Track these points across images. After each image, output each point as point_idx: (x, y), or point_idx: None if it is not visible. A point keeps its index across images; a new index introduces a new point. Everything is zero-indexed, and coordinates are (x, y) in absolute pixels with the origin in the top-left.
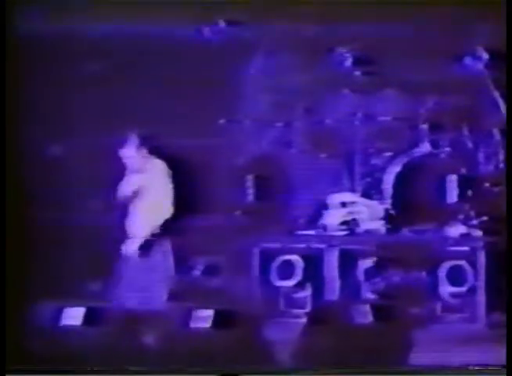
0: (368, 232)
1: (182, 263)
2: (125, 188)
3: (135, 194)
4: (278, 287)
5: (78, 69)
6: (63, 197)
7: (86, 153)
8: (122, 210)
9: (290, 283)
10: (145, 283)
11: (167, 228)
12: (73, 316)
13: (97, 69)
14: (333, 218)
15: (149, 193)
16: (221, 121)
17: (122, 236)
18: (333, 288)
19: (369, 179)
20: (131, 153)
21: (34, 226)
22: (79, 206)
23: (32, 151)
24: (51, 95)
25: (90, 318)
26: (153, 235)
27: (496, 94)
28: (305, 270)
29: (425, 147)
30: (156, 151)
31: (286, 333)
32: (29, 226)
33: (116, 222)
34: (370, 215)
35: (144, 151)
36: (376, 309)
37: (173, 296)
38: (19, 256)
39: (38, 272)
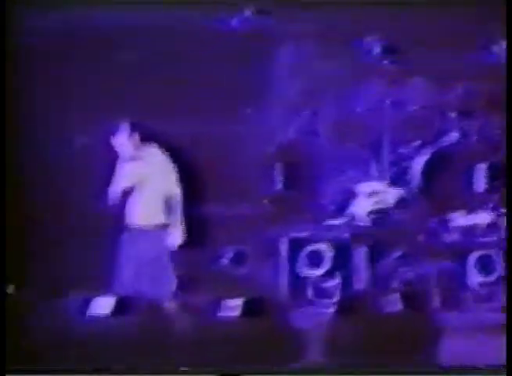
0: (396, 221)
1: (210, 252)
2: (126, 178)
3: (138, 184)
4: (306, 277)
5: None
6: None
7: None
8: (126, 200)
9: (319, 272)
10: (162, 274)
11: (189, 217)
12: (102, 306)
13: (123, 59)
14: (361, 207)
15: (153, 183)
16: (249, 110)
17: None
18: (362, 277)
19: (397, 168)
20: (124, 141)
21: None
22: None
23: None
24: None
25: (118, 308)
26: (168, 224)
27: None
28: (334, 259)
29: (453, 136)
30: (172, 139)
31: (314, 322)
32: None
33: (119, 211)
34: (398, 203)
35: (137, 138)
36: (405, 298)
37: (198, 286)
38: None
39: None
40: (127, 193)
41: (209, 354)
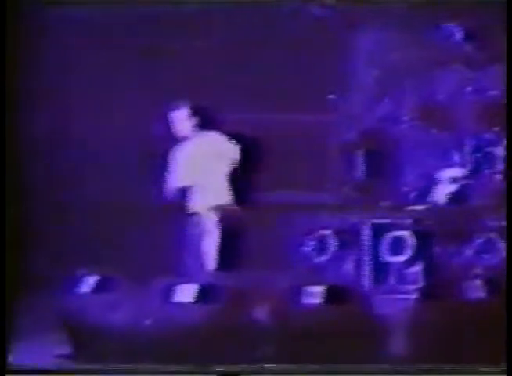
0: (478, 206)
1: (293, 240)
2: (185, 170)
3: (199, 171)
4: (389, 263)
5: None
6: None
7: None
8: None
9: (401, 258)
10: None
11: (270, 205)
12: (185, 293)
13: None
14: (443, 194)
15: (214, 166)
16: (331, 97)
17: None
18: (445, 264)
19: (479, 154)
20: (184, 124)
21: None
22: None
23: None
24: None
25: (202, 295)
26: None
27: None
28: (416, 246)
29: None
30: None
31: (397, 309)
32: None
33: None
34: (480, 189)
35: (196, 122)
36: (488, 285)
37: (283, 272)
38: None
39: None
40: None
41: (291, 342)
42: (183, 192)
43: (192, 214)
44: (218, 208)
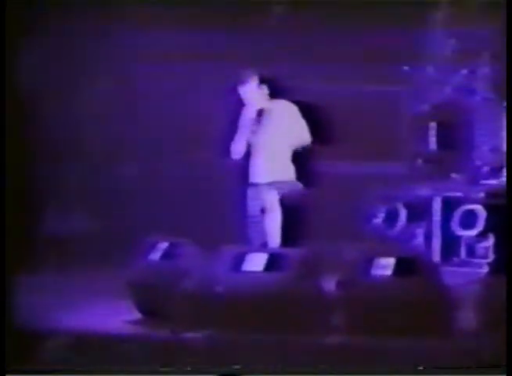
0: None
1: (364, 211)
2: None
3: (264, 138)
4: (459, 236)
5: None
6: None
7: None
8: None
9: (472, 232)
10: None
11: (341, 177)
12: (256, 262)
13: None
14: None
15: (281, 137)
16: (405, 68)
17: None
18: None
19: None
20: (253, 91)
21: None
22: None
23: None
24: None
25: (271, 264)
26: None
27: None
28: (488, 220)
29: None
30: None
31: (467, 282)
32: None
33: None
34: None
35: (266, 90)
36: None
37: (353, 244)
38: None
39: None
40: (251, 147)
41: (360, 313)
42: (250, 163)
43: (257, 185)
44: (284, 182)
